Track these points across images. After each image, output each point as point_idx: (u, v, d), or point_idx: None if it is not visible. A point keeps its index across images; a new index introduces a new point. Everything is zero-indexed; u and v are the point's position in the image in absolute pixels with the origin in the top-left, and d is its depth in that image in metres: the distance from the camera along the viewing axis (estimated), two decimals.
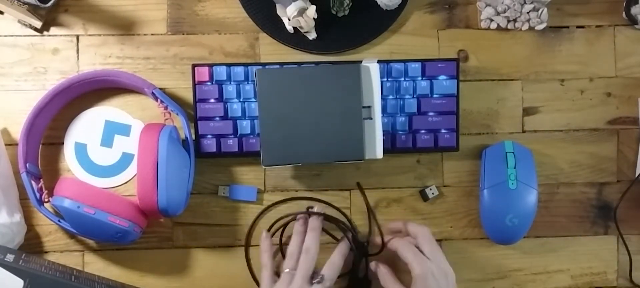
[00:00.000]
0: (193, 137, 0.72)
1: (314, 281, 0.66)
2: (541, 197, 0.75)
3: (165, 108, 0.71)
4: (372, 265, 0.71)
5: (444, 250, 0.69)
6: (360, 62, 0.71)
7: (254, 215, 0.75)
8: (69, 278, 0.65)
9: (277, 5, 0.73)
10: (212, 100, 0.72)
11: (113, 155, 0.74)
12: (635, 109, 0.77)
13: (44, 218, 0.70)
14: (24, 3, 0.70)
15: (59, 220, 0.69)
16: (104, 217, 0.66)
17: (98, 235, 0.68)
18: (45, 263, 0.67)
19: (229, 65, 0.72)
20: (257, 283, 0.74)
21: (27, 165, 0.68)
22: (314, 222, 0.70)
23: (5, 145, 0.72)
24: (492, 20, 0.76)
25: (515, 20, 0.76)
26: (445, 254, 0.68)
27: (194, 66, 0.72)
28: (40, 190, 0.70)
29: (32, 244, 0.73)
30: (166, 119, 0.71)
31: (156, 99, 0.71)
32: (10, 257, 0.63)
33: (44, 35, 0.74)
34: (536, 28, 0.76)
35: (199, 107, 0.72)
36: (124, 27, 0.74)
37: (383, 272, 0.69)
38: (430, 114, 0.74)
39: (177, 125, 0.72)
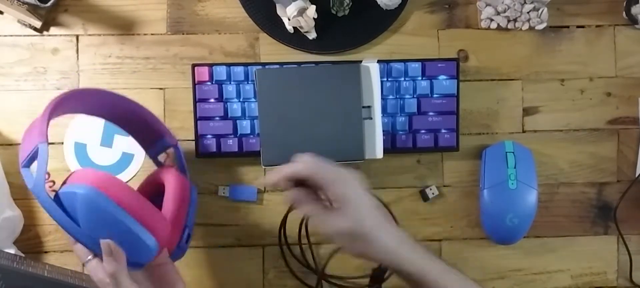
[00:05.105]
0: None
1: None
2: (541, 197, 0.75)
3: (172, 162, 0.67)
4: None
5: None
6: (360, 62, 0.71)
7: (255, 215, 0.75)
8: (42, 272, 0.65)
9: (277, 5, 0.73)
10: (212, 100, 0.72)
11: (113, 155, 0.74)
12: (635, 109, 0.77)
13: (44, 218, 0.70)
14: (24, 3, 0.70)
15: (57, 211, 0.56)
16: (130, 223, 0.55)
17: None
18: (17, 258, 0.66)
19: (229, 65, 0.72)
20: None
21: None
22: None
23: (1, 145, 0.72)
24: (492, 20, 0.76)
25: (515, 20, 0.76)
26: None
27: (194, 66, 0.72)
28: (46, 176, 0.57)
29: (32, 244, 0.73)
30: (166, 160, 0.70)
31: (165, 150, 0.68)
32: None
33: (43, 35, 0.74)
34: (536, 28, 0.76)
35: (199, 107, 0.72)
36: (124, 27, 0.74)
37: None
38: (430, 113, 0.74)
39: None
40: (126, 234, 0.55)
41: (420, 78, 0.73)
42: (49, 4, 0.69)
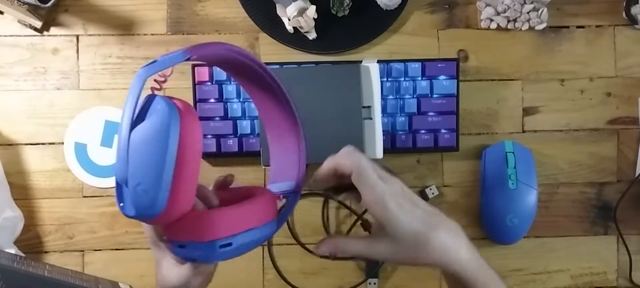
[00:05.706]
0: None
1: None
2: (541, 197, 0.75)
3: None
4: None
5: None
6: (360, 62, 0.71)
7: None
8: (42, 272, 0.64)
9: (277, 5, 0.73)
10: (212, 100, 0.72)
11: (113, 155, 0.74)
12: (635, 109, 0.77)
13: (44, 218, 0.70)
14: (24, 3, 0.70)
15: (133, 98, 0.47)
16: (168, 170, 0.44)
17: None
18: (17, 258, 0.66)
19: None
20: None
21: None
22: None
23: (1, 145, 0.72)
24: (492, 20, 0.76)
25: (515, 20, 0.76)
26: None
27: (194, 66, 0.72)
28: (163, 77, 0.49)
29: (31, 244, 0.73)
30: None
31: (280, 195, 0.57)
32: None
33: (44, 35, 0.74)
34: (536, 28, 0.76)
35: (199, 107, 0.72)
36: (124, 27, 0.74)
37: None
38: (430, 114, 0.74)
39: None
40: (151, 177, 0.43)
41: (420, 78, 0.73)
42: (49, 4, 0.69)
